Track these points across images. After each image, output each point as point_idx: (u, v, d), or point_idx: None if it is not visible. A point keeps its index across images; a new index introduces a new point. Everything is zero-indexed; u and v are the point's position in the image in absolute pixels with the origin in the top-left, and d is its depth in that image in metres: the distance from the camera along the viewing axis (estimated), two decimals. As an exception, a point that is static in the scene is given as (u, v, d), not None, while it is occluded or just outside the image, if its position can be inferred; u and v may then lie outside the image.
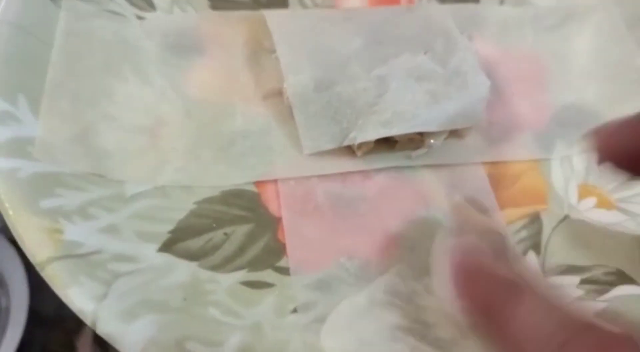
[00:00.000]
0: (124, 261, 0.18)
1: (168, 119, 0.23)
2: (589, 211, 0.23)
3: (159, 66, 0.24)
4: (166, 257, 0.19)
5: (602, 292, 0.20)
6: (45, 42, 0.22)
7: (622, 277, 0.21)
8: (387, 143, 0.23)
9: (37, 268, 0.17)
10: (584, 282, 0.21)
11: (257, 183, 0.22)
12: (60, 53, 0.22)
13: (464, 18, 0.27)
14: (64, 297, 0.16)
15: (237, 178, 0.22)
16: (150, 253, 0.19)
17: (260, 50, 0.25)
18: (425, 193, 0.23)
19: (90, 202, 0.19)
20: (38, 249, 0.17)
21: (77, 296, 0.16)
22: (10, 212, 0.17)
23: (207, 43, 0.25)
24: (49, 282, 0.17)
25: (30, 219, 0.17)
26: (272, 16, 0.25)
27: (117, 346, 0.16)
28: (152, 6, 0.25)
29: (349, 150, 0.23)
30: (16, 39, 0.21)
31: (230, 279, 0.19)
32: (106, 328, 0.16)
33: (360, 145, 0.23)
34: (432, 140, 0.23)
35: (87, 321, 0.16)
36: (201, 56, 0.25)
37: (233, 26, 0.25)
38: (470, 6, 0.28)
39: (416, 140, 0.23)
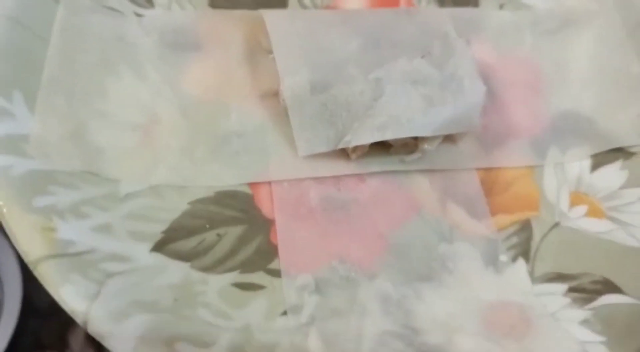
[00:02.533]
0: (117, 260, 0.18)
1: (163, 117, 0.23)
2: (580, 219, 0.23)
3: (156, 63, 0.24)
4: (158, 258, 0.19)
5: (588, 300, 0.21)
6: (42, 37, 0.22)
7: (609, 286, 0.21)
8: (381, 147, 0.23)
9: (30, 266, 0.17)
10: (571, 290, 0.21)
11: (251, 184, 0.22)
12: (56, 48, 0.22)
13: (463, 22, 0.27)
14: (56, 296, 0.17)
15: (230, 179, 0.22)
16: (142, 253, 0.19)
17: (258, 50, 0.25)
18: (417, 198, 0.23)
19: (84, 200, 0.19)
20: (31, 247, 0.17)
21: (69, 295, 0.17)
22: (4, 210, 0.17)
23: (204, 41, 0.25)
24: (41, 280, 0.17)
25: (24, 217, 0.17)
26: (270, 16, 0.25)
27: (107, 346, 0.16)
28: (150, 3, 0.25)
29: (344, 153, 0.23)
30: (13, 34, 0.21)
31: (221, 280, 0.19)
32: (97, 328, 0.16)
33: (355, 148, 0.23)
34: (426, 145, 0.23)
35: (79, 320, 0.16)
36: (198, 54, 0.25)
37: (231, 25, 0.25)
38: (470, 10, 0.28)
39: (410, 144, 0.23)
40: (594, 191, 0.24)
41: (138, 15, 0.25)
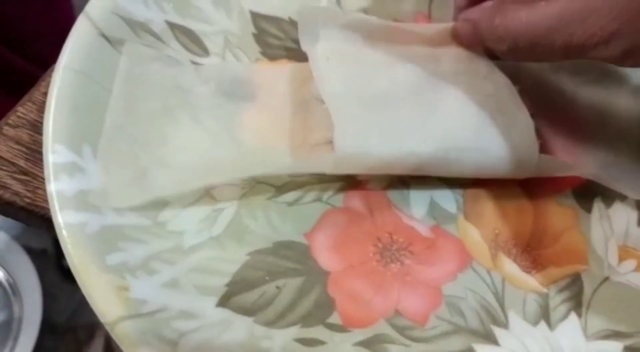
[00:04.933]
0: (187, 318, 0.19)
1: (221, 163, 0.23)
2: (629, 274, 0.23)
3: (213, 111, 0.24)
4: (224, 313, 0.20)
5: (645, 360, 0.21)
6: (107, 88, 0.22)
7: (664, 346, 0.21)
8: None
9: (107, 327, 0.17)
10: (627, 349, 0.21)
11: (307, 235, 0.23)
12: (118, 97, 0.23)
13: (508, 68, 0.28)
14: (133, 357, 0.17)
15: (288, 232, 0.22)
16: (209, 308, 0.19)
17: (310, 98, 0.26)
18: (469, 249, 0.23)
19: (151, 255, 0.20)
20: (108, 309, 0.17)
21: (146, 356, 0.17)
22: (79, 269, 0.18)
23: (259, 91, 0.25)
24: (118, 341, 0.17)
25: (99, 276, 0.18)
26: (316, 67, 0.25)
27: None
28: (206, 51, 0.25)
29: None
30: (81, 87, 0.22)
31: (284, 335, 0.20)
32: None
33: None
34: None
35: (154, 380, 0.17)
36: (253, 103, 0.25)
37: (284, 75, 0.26)
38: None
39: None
40: (642, 245, 0.24)
41: (194, 63, 0.25)
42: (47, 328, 0.68)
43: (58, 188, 0.19)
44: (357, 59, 0.25)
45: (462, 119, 0.23)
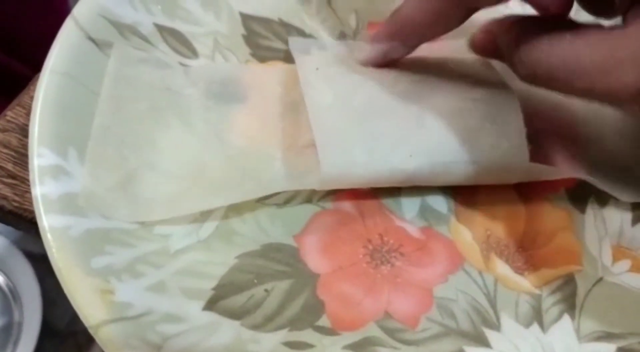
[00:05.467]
0: (172, 321, 0.18)
1: (210, 166, 0.23)
2: (623, 274, 0.23)
3: (202, 113, 0.24)
4: (211, 316, 0.19)
5: (638, 361, 0.21)
6: (95, 92, 0.22)
7: (658, 347, 0.21)
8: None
9: (90, 331, 0.17)
10: (621, 350, 0.21)
11: (296, 237, 0.22)
12: (107, 99, 0.22)
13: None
14: (115, 360, 0.17)
15: (277, 234, 0.22)
16: (195, 312, 0.19)
17: (300, 100, 0.26)
18: (461, 250, 0.23)
19: (137, 258, 0.19)
20: (91, 312, 0.17)
21: (129, 359, 0.17)
22: (63, 273, 0.18)
23: (248, 93, 0.25)
24: (102, 344, 0.17)
25: (83, 280, 0.18)
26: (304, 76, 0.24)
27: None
28: (195, 53, 0.25)
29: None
30: (67, 90, 0.22)
31: (272, 339, 0.20)
32: (156, 393, 0.16)
33: None
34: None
35: (138, 385, 0.17)
36: (243, 105, 0.25)
37: (274, 77, 0.26)
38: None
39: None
40: (636, 245, 0.24)
41: (183, 65, 0.25)
42: (47, 333, 0.68)
43: (43, 191, 0.19)
44: (346, 70, 0.24)
45: (448, 132, 0.22)
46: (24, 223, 0.22)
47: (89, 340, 0.71)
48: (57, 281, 0.17)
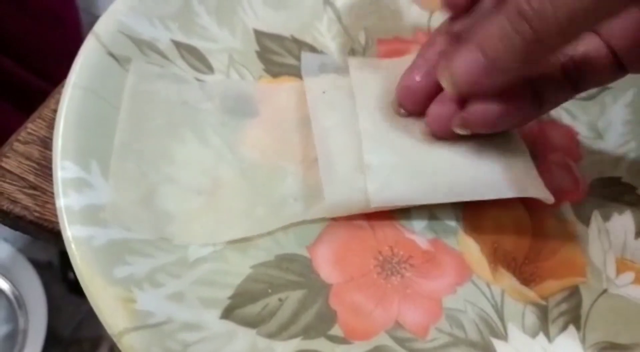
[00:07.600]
0: (191, 329, 0.19)
1: (225, 180, 0.24)
2: (627, 286, 0.24)
3: (217, 128, 0.25)
4: (228, 325, 0.20)
5: (641, 372, 0.21)
6: (115, 106, 0.23)
7: (661, 358, 0.21)
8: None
9: (114, 339, 0.18)
10: (625, 362, 0.21)
11: (309, 248, 0.23)
12: (126, 114, 0.23)
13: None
14: (138, 368, 0.17)
15: (290, 245, 0.23)
16: (213, 320, 0.20)
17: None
18: (469, 262, 0.24)
19: (157, 268, 0.20)
20: (115, 320, 0.18)
21: (151, 367, 0.17)
22: (87, 281, 0.18)
23: (261, 108, 0.26)
24: (124, 352, 0.18)
25: (106, 288, 0.18)
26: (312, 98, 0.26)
27: None
28: (210, 69, 0.26)
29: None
30: (89, 104, 0.22)
31: (286, 347, 0.20)
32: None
33: None
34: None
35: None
36: (256, 120, 0.26)
37: (286, 93, 0.26)
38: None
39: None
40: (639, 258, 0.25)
41: (199, 80, 0.26)
42: (52, 340, 0.68)
43: (67, 203, 0.20)
44: (352, 94, 0.25)
45: (452, 168, 0.23)
46: (45, 233, 0.23)
47: (93, 348, 0.71)
48: (63, 289, 0.18)
